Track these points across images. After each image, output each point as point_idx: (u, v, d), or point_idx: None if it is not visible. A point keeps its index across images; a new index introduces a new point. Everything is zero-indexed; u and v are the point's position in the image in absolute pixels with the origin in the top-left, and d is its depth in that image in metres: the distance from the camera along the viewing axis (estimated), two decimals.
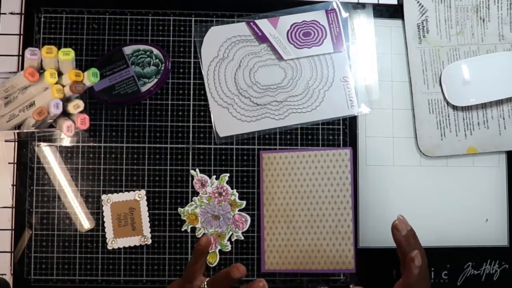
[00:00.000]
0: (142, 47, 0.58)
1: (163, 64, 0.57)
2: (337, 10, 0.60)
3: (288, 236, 0.57)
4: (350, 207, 0.57)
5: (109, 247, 0.57)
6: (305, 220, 0.57)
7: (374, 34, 0.60)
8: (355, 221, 0.57)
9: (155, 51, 0.57)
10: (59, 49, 0.48)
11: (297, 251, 0.57)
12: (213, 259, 0.57)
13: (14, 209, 0.57)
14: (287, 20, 0.59)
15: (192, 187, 0.58)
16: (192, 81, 0.59)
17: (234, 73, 0.59)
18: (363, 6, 0.60)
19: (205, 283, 0.49)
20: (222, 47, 0.59)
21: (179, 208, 0.57)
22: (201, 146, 0.58)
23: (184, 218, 0.57)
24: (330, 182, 0.58)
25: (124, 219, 0.57)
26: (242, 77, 0.59)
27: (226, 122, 0.58)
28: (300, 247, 0.57)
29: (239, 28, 0.59)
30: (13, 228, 0.56)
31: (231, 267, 0.47)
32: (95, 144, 0.58)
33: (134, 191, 0.57)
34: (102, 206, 0.57)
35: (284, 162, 0.58)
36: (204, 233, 0.57)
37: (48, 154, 0.57)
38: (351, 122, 0.59)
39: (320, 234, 0.57)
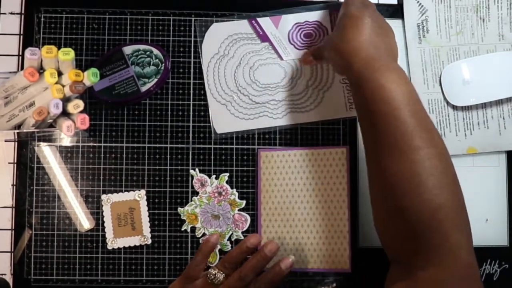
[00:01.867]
0: (142, 47, 0.58)
1: (163, 64, 0.57)
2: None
3: (285, 234, 0.57)
4: (346, 206, 0.57)
5: (109, 247, 0.57)
6: (301, 218, 0.57)
7: None
8: (353, 221, 0.57)
9: (155, 51, 0.57)
10: (59, 49, 0.48)
11: (293, 249, 0.57)
12: (213, 259, 0.57)
13: (14, 209, 0.57)
14: (289, 20, 0.59)
15: (192, 187, 0.58)
16: (192, 80, 0.59)
17: (234, 71, 0.59)
18: None
19: (216, 268, 0.52)
20: (223, 44, 0.59)
21: (179, 208, 0.57)
22: (201, 146, 0.58)
23: (184, 218, 0.57)
24: (327, 181, 0.57)
25: (124, 219, 0.57)
26: (242, 75, 0.59)
27: (224, 119, 0.58)
28: (296, 245, 0.57)
29: (241, 26, 0.59)
30: (13, 228, 0.57)
31: (246, 238, 0.55)
32: (95, 144, 0.58)
33: (134, 191, 0.57)
34: (102, 206, 0.57)
35: (282, 161, 0.58)
36: (204, 233, 0.57)
37: (48, 154, 0.57)
38: (351, 122, 0.59)
39: (316, 233, 0.57)
